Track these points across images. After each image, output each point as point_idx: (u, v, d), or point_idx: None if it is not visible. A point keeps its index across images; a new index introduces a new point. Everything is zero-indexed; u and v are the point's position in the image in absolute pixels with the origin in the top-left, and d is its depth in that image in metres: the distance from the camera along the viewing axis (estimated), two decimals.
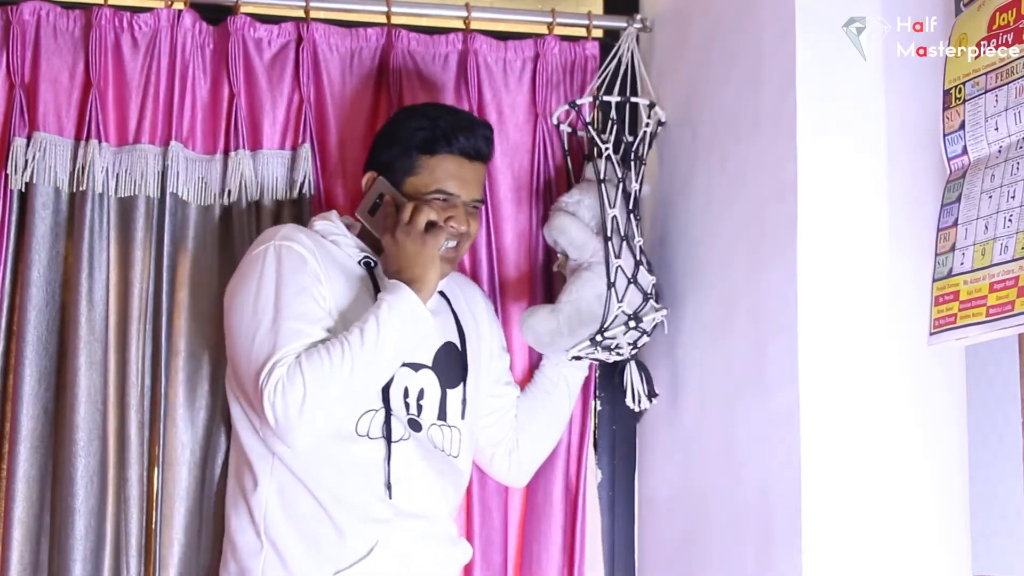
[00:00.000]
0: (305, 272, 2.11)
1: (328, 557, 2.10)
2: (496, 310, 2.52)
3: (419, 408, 2.19)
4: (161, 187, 2.41)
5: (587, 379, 2.57)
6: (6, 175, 2.36)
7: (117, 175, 2.40)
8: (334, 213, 2.28)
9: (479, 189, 2.28)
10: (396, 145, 2.25)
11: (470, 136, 2.25)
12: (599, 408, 2.64)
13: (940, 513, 1.96)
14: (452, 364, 2.26)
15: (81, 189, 2.37)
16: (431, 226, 2.15)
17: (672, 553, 2.46)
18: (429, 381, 2.21)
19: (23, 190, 2.37)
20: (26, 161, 2.36)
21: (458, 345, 2.29)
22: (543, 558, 2.51)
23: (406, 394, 2.18)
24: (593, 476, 2.60)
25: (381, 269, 2.20)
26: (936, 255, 1.83)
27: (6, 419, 2.32)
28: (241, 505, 2.16)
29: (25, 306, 2.33)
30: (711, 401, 2.30)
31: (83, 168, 2.37)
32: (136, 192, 2.40)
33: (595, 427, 2.65)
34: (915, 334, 1.92)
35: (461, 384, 2.27)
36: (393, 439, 2.14)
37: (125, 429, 2.34)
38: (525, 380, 2.53)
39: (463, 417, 2.26)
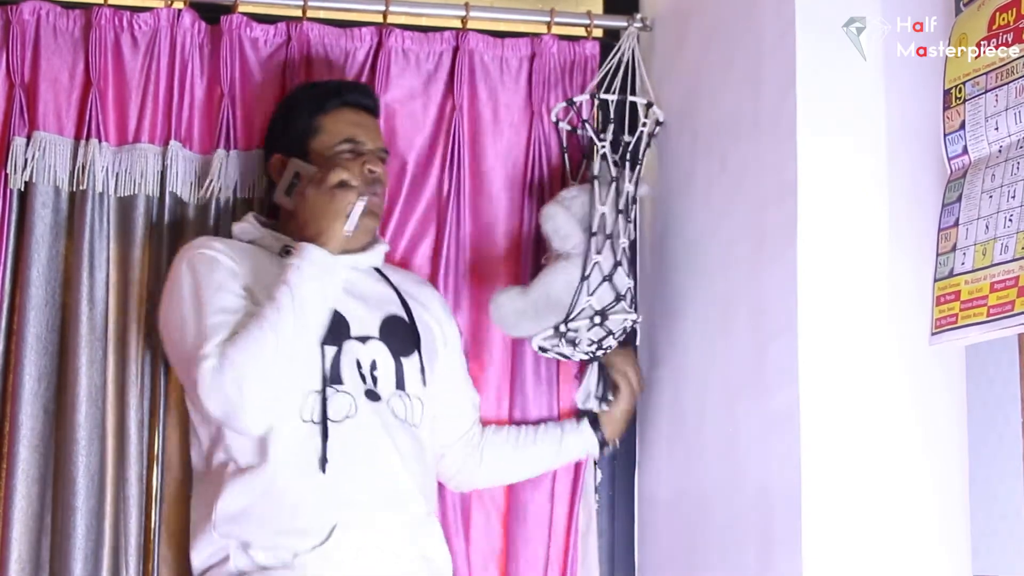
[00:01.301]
0: (219, 270, 2.13)
1: (286, 544, 2.09)
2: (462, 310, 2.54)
3: (374, 379, 2.19)
4: (161, 186, 2.41)
5: (581, 373, 2.57)
6: (6, 174, 2.36)
7: (117, 174, 2.40)
8: (250, 214, 2.32)
9: (381, 139, 2.33)
10: (289, 118, 2.30)
11: (356, 90, 2.35)
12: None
13: (940, 513, 1.96)
14: (401, 334, 2.26)
15: (81, 188, 2.37)
16: (343, 185, 2.13)
17: (672, 553, 2.46)
18: (380, 351, 2.21)
19: (23, 189, 2.37)
20: (26, 160, 2.36)
21: (404, 317, 2.29)
22: (535, 560, 2.51)
23: (359, 366, 2.18)
24: (591, 475, 2.60)
25: None
26: (937, 255, 1.83)
27: (6, 418, 2.32)
28: (202, 508, 2.18)
29: (25, 305, 2.33)
30: (711, 401, 2.30)
31: (83, 167, 2.37)
32: (136, 191, 2.40)
33: None
34: (915, 334, 1.92)
35: (416, 352, 2.26)
36: (337, 418, 2.12)
37: (125, 428, 2.34)
38: (503, 379, 2.54)
39: (424, 384, 2.26)
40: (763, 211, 2.09)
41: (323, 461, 2.09)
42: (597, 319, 2.36)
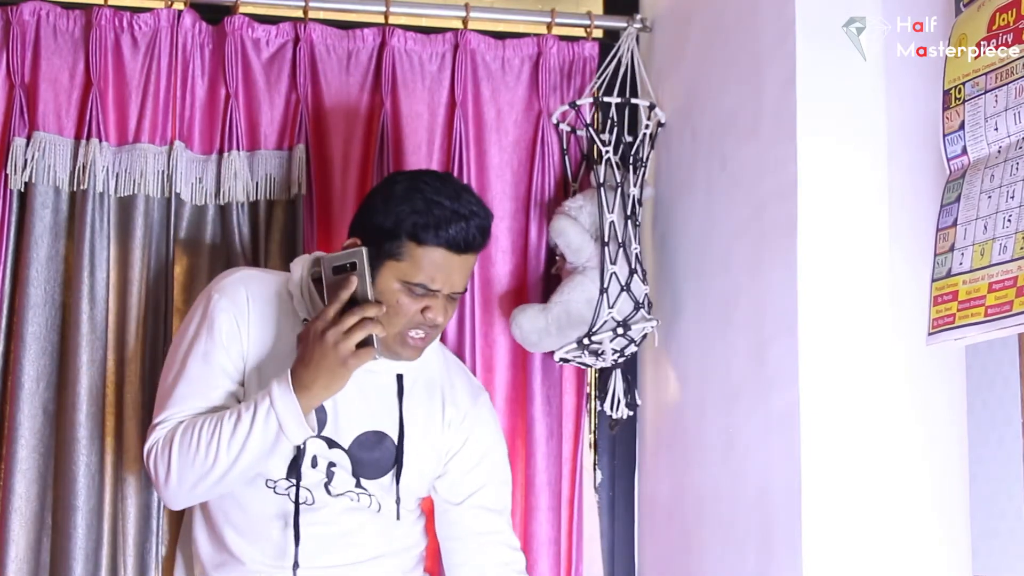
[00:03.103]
0: (218, 335, 2.06)
1: None
2: (488, 308, 2.54)
3: (331, 475, 2.10)
4: (161, 186, 2.41)
5: (583, 379, 2.58)
6: (6, 175, 2.36)
7: (117, 174, 2.40)
8: (307, 264, 2.15)
9: (463, 281, 2.08)
10: (387, 222, 2.03)
11: (464, 229, 2.04)
12: (599, 408, 2.64)
13: (940, 513, 1.96)
14: (378, 456, 2.13)
15: (81, 188, 2.37)
16: (363, 344, 1.96)
17: (672, 553, 2.46)
18: (340, 460, 2.10)
19: (23, 190, 2.37)
20: (26, 161, 2.36)
21: (394, 439, 2.14)
22: (540, 560, 2.51)
23: (314, 463, 2.09)
24: (590, 476, 2.61)
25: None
26: (935, 255, 1.83)
27: (5, 418, 2.33)
28: (185, 534, 2.23)
29: (24, 305, 2.33)
30: (711, 401, 2.30)
31: (83, 167, 2.37)
32: (136, 191, 2.40)
33: (595, 427, 2.65)
34: (915, 334, 1.92)
35: (391, 477, 2.13)
36: (300, 500, 2.08)
37: (124, 428, 2.34)
38: (511, 383, 2.54)
39: (398, 517, 2.14)
40: (763, 211, 2.09)
41: (295, 567, 2.07)
42: (620, 330, 2.37)
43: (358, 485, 2.12)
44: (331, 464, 2.10)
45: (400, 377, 2.15)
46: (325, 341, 1.94)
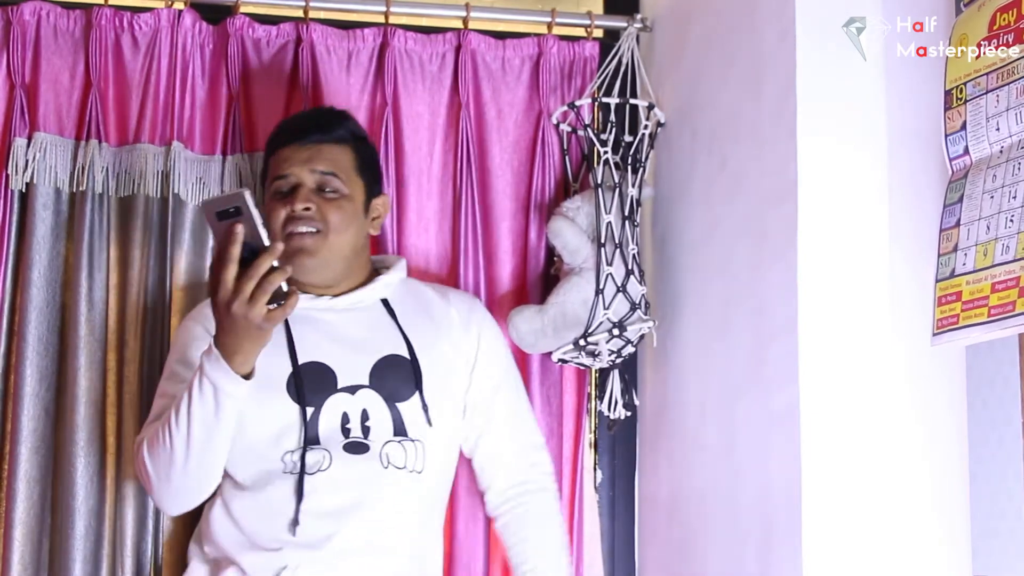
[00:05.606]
0: (180, 352, 2.15)
1: (246, 569, 2.09)
2: (490, 309, 2.53)
3: (366, 430, 2.11)
4: (161, 187, 2.41)
5: (583, 379, 2.58)
6: (6, 175, 2.37)
7: (117, 175, 2.40)
8: None
9: (320, 161, 2.14)
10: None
11: (295, 124, 2.22)
12: (599, 408, 2.64)
13: (940, 513, 1.96)
14: (399, 376, 2.15)
15: (81, 189, 2.37)
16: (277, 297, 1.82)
17: (672, 553, 2.46)
18: (371, 400, 2.12)
19: (23, 190, 2.37)
20: (26, 161, 2.36)
21: (405, 355, 2.17)
22: None
23: (345, 419, 2.10)
24: (590, 476, 2.61)
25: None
26: (939, 256, 1.84)
27: (7, 419, 2.33)
28: (202, 527, 2.20)
29: (26, 306, 2.33)
30: (711, 401, 2.30)
31: (83, 168, 2.37)
32: (136, 192, 2.40)
33: (595, 427, 2.65)
34: (915, 334, 1.92)
35: (417, 394, 2.14)
36: (309, 471, 2.07)
37: (123, 429, 2.34)
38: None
39: (430, 424, 2.14)
40: (763, 211, 2.09)
41: (294, 524, 2.06)
42: (615, 331, 2.38)
43: (399, 427, 2.11)
44: (365, 415, 2.11)
45: (385, 301, 2.21)
46: (234, 315, 1.80)
